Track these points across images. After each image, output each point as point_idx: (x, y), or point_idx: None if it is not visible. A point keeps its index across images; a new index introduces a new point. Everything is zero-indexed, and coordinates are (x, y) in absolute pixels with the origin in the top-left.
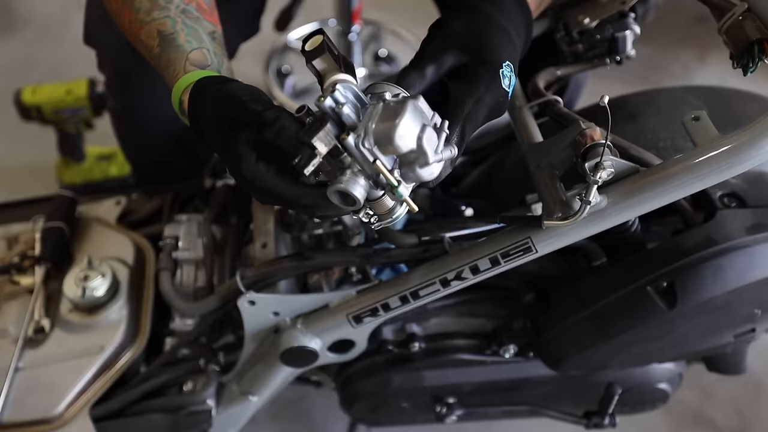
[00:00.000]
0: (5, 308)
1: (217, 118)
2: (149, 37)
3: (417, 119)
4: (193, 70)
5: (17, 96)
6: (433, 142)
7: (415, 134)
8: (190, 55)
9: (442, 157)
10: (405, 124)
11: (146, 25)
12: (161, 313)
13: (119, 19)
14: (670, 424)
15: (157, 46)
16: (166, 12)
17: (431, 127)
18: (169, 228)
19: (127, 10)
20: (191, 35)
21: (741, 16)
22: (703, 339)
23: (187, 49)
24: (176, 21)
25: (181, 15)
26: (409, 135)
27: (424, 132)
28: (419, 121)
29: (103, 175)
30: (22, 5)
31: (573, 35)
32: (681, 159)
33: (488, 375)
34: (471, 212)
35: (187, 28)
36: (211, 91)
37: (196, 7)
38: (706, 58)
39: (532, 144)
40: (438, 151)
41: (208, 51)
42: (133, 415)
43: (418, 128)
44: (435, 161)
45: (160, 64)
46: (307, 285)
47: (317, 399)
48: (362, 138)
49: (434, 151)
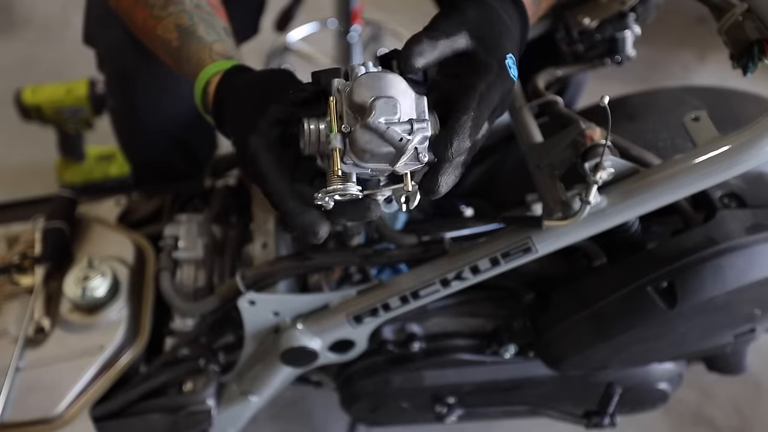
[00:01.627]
0: (5, 308)
1: (249, 92)
2: (166, 32)
3: (384, 86)
4: (219, 59)
5: (17, 96)
6: (389, 111)
7: (377, 93)
8: (214, 46)
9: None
10: (370, 80)
11: (162, 20)
12: (161, 313)
13: (131, 18)
14: (670, 423)
15: (176, 39)
16: (182, 6)
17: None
18: (169, 228)
19: (141, 7)
20: (210, 27)
21: (741, 16)
22: (703, 339)
23: (209, 40)
24: (193, 14)
25: (196, 9)
26: (367, 92)
27: (391, 99)
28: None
29: (103, 175)
30: (22, 5)
31: (573, 35)
32: (681, 159)
33: (488, 375)
34: (471, 212)
35: (204, 21)
36: (248, 74)
37: (208, 2)
38: (706, 58)
39: (532, 144)
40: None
41: (228, 44)
42: (133, 415)
43: (385, 90)
44: (382, 132)
45: (180, 56)
46: (307, 285)
47: (317, 399)
48: (344, 85)
49: (390, 119)
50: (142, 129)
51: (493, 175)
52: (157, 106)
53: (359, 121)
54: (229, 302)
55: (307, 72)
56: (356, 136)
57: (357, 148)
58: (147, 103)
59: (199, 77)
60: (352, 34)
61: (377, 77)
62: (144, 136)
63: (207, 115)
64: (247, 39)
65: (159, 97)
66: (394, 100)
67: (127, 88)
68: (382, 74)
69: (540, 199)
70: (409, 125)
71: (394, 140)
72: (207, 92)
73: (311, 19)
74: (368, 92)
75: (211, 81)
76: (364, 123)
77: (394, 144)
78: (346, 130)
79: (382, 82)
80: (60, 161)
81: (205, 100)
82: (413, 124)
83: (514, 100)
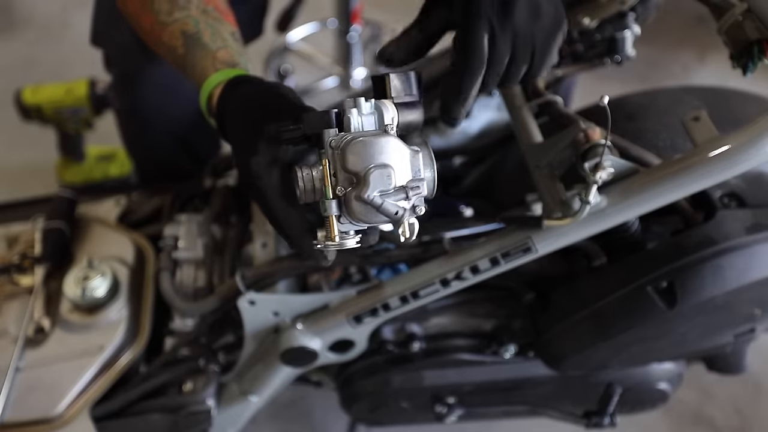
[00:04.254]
0: (5, 308)
1: (248, 109)
2: (172, 38)
3: (380, 153)
4: (223, 68)
5: (17, 96)
6: (384, 183)
7: (370, 161)
8: (218, 54)
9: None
10: (366, 144)
11: (168, 27)
12: (161, 313)
13: (138, 22)
14: (670, 423)
15: (182, 47)
16: (187, 12)
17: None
18: (169, 228)
19: (147, 12)
20: (215, 34)
21: (741, 16)
22: (703, 339)
23: (213, 48)
24: (198, 21)
25: (203, 15)
26: (362, 158)
27: (386, 169)
28: (384, 155)
29: (103, 175)
30: (22, 5)
31: (573, 35)
32: (681, 159)
33: (488, 375)
34: (471, 212)
35: (210, 27)
36: (249, 86)
37: (215, 8)
38: (706, 58)
39: (532, 144)
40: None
41: (233, 50)
42: (133, 415)
43: (381, 160)
44: (376, 204)
45: (186, 63)
46: (307, 285)
47: (317, 399)
48: (336, 141)
49: (380, 189)
50: (147, 129)
51: (493, 175)
52: (163, 107)
53: (354, 189)
54: (229, 302)
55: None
56: (352, 206)
57: (353, 215)
58: (153, 104)
59: (203, 88)
60: (352, 34)
61: (369, 144)
62: (149, 136)
63: (213, 123)
64: (252, 40)
65: (165, 98)
66: (388, 170)
67: (133, 89)
68: (375, 140)
69: (540, 199)
70: (404, 193)
71: (390, 213)
72: (211, 103)
73: (311, 19)
74: (362, 161)
75: (213, 93)
76: (359, 197)
77: (390, 217)
78: (341, 193)
79: (375, 148)
80: (60, 161)
81: (210, 110)
82: (408, 191)
83: (514, 100)
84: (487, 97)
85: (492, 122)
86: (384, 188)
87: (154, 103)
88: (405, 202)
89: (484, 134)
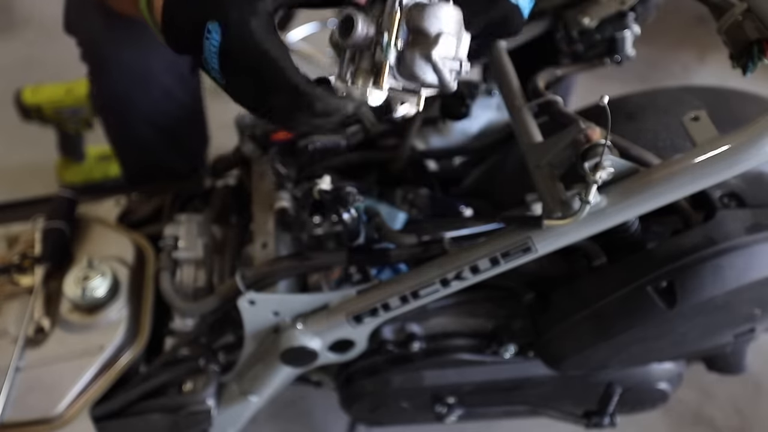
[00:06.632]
0: (5, 308)
1: None
2: None
3: (449, 21)
4: None
5: (17, 96)
6: (449, 50)
7: (445, 27)
8: None
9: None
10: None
11: None
12: (161, 313)
13: None
14: (670, 423)
15: None
16: None
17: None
18: (169, 228)
19: None
20: None
21: (740, 16)
22: (703, 339)
23: None
24: None
25: None
26: (436, 23)
27: (454, 39)
28: (450, 24)
29: (103, 175)
30: (22, 5)
31: (573, 35)
32: (681, 159)
33: (488, 375)
34: (471, 212)
35: None
36: None
37: None
38: (706, 58)
39: (531, 144)
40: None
41: None
42: (133, 415)
43: (449, 26)
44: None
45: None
46: (307, 285)
47: (317, 399)
48: None
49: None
50: (126, 120)
51: (493, 175)
52: (139, 97)
53: (417, 46)
54: (229, 302)
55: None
56: (414, 60)
57: (406, 71)
58: (124, 92)
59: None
60: None
61: (447, 11)
62: (129, 128)
63: (159, 34)
64: None
65: (136, 87)
66: (455, 40)
67: (106, 78)
68: (452, 10)
69: (540, 198)
70: (459, 65)
71: (446, 79)
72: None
73: (311, 19)
74: (437, 24)
75: None
76: (426, 53)
77: (443, 81)
78: (400, 48)
79: (449, 17)
80: (60, 161)
81: (152, 9)
82: (462, 65)
83: (514, 100)
84: (487, 97)
85: (492, 122)
86: (446, 55)
87: (125, 91)
88: (458, 74)
89: (484, 134)
